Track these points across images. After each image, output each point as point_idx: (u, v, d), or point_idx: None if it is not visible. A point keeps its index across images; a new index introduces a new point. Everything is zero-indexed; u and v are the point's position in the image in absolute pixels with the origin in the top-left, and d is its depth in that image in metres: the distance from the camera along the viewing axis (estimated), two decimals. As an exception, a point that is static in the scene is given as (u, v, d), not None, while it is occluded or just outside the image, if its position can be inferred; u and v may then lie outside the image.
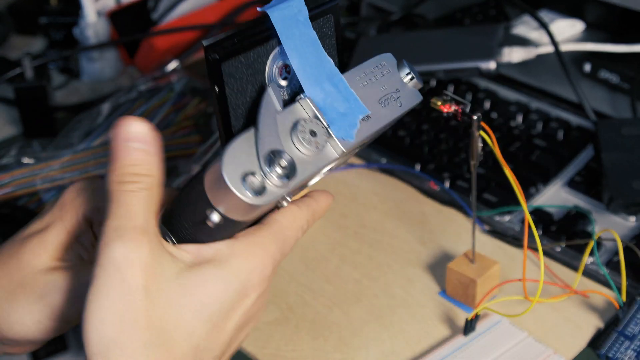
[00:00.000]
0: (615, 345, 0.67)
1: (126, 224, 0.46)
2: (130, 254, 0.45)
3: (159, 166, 0.49)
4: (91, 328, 0.45)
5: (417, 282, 0.75)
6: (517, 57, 0.96)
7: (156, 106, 0.98)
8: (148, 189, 0.48)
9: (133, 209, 0.47)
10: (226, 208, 0.48)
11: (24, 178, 0.88)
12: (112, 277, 0.45)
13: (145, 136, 0.48)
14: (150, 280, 0.45)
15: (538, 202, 0.82)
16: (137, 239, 0.46)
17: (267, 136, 0.48)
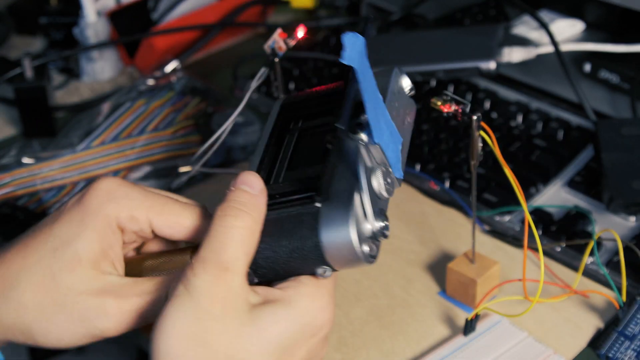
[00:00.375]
0: (615, 345, 0.67)
1: (214, 258, 0.50)
2: (211, 287, 0.49)
3: (261, 212, 0.53)
4: (162, 341, 0.49)
5: (417, 282, 0.75)
6: (517, 57, 0.96)
7: (156, 106, 0.98)
8: (245, 228, 0.52)
9: (225, 245, 0.51)
10: (340, 266, 0.52)
11: (23, 178, 0.88)
12: (190, 302, 0.49)
13: (254, 183, 0.54)
14: (224, 312, 0.49)
15: (538, 202, 0.82)
16: (219, 275, 0.50)
17: (372, 197, 0.52)
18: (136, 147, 0.91)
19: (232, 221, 0.52)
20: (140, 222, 0.57)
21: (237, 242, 0.51)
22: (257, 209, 0.53)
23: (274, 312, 0.50)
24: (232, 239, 0.51)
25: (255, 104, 1.02)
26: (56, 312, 0.54)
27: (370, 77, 0.52)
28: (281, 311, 0.51)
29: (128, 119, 0.96)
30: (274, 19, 1.22)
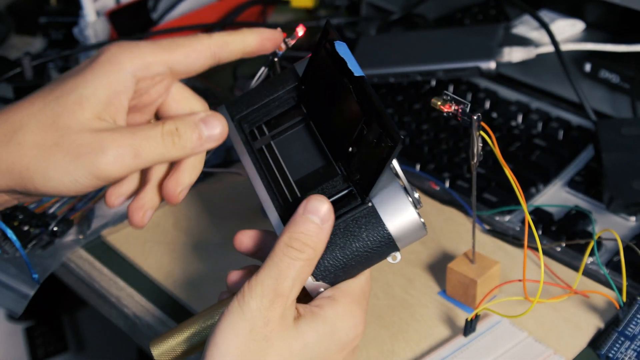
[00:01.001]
0: (615, 345, 0.67)
1: (273, 285, 0.54)
2: (266, 312, 0.53)
3: (324, 242, 0.55)
4: (215, 354, 0.53)
5: (417, 282, 0.75)
6: (517, 57, 0.96)
7: (156, 106, 0.97)
8: (307, 260, 0.54)
9: (285, 275, 0.54)
10: (407, 245, 0.56)
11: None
12: (243, 321, 0.53)
13: (324, 214, 0.55)
14: (275, 334, 0.53)
15: (538, 202, 0.82)
16: (275, 301, 0.54)
17: (406, 187, 0.57)
18: (136, 147, 0.91)
19: (296, 254, 0.54)
20: (156, 65, 0.59)
21: (296, 274, 0.54)
22: (321, 241, 0.55)
23: (316, 330, 0.55)
24: (293, 270, 0.54)
25: (255, 104, 1.02)
26: (54, 151, 0.55)
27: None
28: (322, 329, 0.55)
29: (128, 118, 0.95)
30: (274, 18, 1.22)
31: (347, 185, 0.57)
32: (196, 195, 0.88)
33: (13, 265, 0.80)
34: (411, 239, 0.56)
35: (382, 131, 0.53)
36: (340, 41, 0.57)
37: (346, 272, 0.56)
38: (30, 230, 0.83)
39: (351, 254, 0.56)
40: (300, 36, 0.66)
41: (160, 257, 0.80)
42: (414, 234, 0.56)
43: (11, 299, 0.79)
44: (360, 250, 0.56)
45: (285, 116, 0.62)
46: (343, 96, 0.57)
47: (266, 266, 0.55)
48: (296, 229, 0.55)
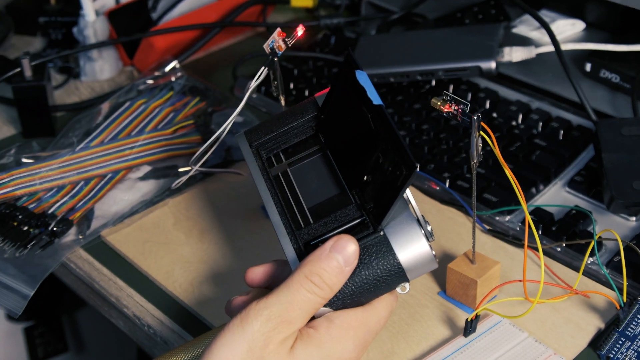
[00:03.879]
0: (615, 346, 0.67)
1: (280, 311, 0.54)
2: (266, 333, 0.53)
3: (342, 284, 0.55)
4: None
5: (417, 282, 0.75)
6: (517, 56, 0.96)
7: (155, 106, 0.97)
8: (323, 298, 0.55)
9: (296, 305, 0.54)
10: (416, 276, 0.57)
11: (23, 178, 0.88)
12: (243, 340, 0.53)
13: (349, 257, 0.55)
14: (269, 355, 0.53)
15: (538, 202, 0.82)
16: (278, 327, 0.54)
17: (419, 218, 0.57)
18: (135, 147, 0.91)
19: (313, 288, 0.55)
20: None
21: (308, 306, 0.55)
22: (340, 282, 0.55)
23: (309, 354, 0.54)
24: (306, 303, 0.55)
25: (255, 104, 1.02)
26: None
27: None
28: (315, 353, 0.55)
29: (127, 118, 0.95)
30: (274, 18, 1.22)
31: (361, 213, 0.57)
32: (196, 195, 0.87)
33: (12, 265, 0.80)
34: (421, 271, 0.56)
35: (397, 159, 0.53)
36: (361, 70, 0.58)
37: (354, 300, 0.57)
38: (29, 230, 0.83)
39: (360, 282, 0.56)
40: (300, 36, 0.66)
41: (160, 257, 0.80)
42: (425, 266, 0.56)
43: (11, 299, 0.79)
44: (370, 279, 0.56)
45: (303, 144, 0.63)
46: (361, 125, 0.58)
47: (278, 292, 0.55)
48: (320, 265, 0.55)
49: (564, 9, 1.07)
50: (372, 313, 0.57)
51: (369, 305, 0.58)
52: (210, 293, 0.76)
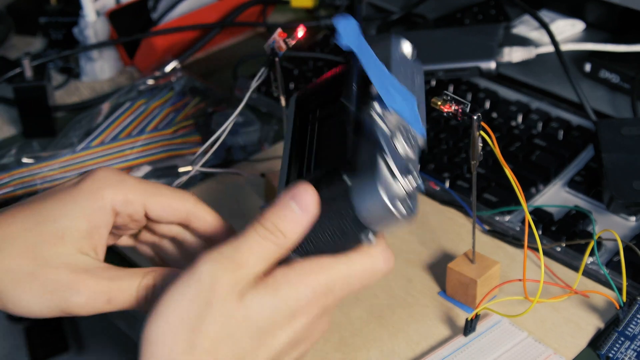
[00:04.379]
0: (615, 346, 0.67)
1: (231, 254, 0.52)
2: (214, 276, 0.51)
3: (300, 233, 0.54)
4: (155, 319, 0.51)
5: (417, 282, 0.75)
6: (517, 57, 0.96)
7: (156, 106, 0.98)
8: (276, 244, 0.53)
9: (247, 250, 0.52)
10: (382, 229, 0.54)
11: (23, 178, 0.88)
12: (190, 283, 0.51)
13: (305, 204, 0.53)
14: (216, 298, 0.51)
15: (538, 202, 0.82)
16: (228, 269, 0.51)
17: (396, 157, 0.53)
18: (136, 147, 0.91)
19: (265, 233, 0.53)
20: (134, 204, 0.60)
21: (262, 252, 0.53)
22: (295, 230, 0.53)
23: (260, 299, 0.52)
24: (258, 247, 0.53)
25: (255, 104, 1.02)
26: (29, 281, 0.56)
27: (369, 51, 0.54)
28: (267, 298, 0.52)
29: (128, 119, 0.96)
30: (274, 18, 1.22)
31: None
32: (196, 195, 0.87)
33: (13, 265, 0.80)
34: (386, 225, 0.53)
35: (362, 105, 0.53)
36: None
37: (319, 251, 0.55)
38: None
39: (320, 231, 0.54)
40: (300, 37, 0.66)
41: (160, 257, 0.80)
42: (388, 221, 0.53)
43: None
44: (330, 228, 0.54)
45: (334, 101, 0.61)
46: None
47: (231, 239, 0.53)
48: (274, 211, 0.54)
49: (564, 9, 1.07)
50: (341, 261, 0.54)
51: (341, 254, 0.55)
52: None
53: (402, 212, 0.52)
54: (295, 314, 0.53)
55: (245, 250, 0.52)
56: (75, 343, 1.43)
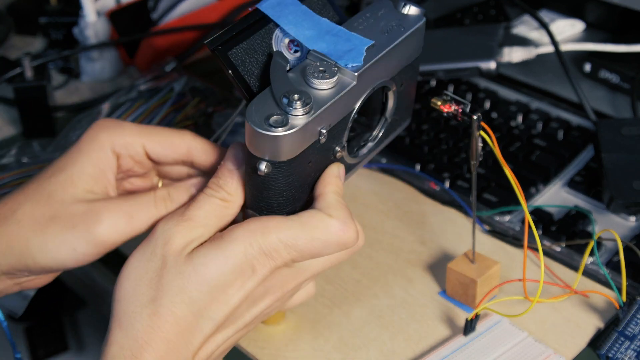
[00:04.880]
0: (615, 345, 0.67)
1: (182, 211, 0.56)
2: (167, 231, 0.55)
3: (241, 191, 0.58)
4: (121, 279, 0.56)
5: (417, 282, 0.75)
6: (517, 57, 0.96)
7: (156, 106, 0.98)
8: (222, 200, 0.57)
9: (196, 206, 0.56)
10: (271, 153, 0.54)
11: (23, 178, 0.88)
12: (147, 244, 0.56)
13: (233, 159, 0.57)
14: (168, 253, 0.55)
15: (538, 202, 0.82)
16: (180, 224, 0.55)
17: (280, 84, 0.54)
18: (136, 147, 0.91)
19: (211, 192, 0.57)
20: (134, 145, 0.62)
21: (210, 208, 0.56)
22: (235, 186, 0.57)
23: (206, 254, 0.54)
24: (207, 205, 0.57)
25: (255, 104, 1.01)
26: (50, 223, 0.58)
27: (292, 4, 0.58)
28: (215, 253, 0.54)
29: (128, 119, 0.95)
30: (274, 18, 1.22)
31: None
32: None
33: (13, 265, 0.80)
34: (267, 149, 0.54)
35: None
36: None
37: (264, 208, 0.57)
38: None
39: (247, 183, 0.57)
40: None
41: (161, 257, 0.80)
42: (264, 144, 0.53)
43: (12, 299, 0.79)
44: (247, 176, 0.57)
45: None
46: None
47: (188, 204, 0.58)
48: (216, 173, 0.58)
49: (564, 10, 1.07)
50: (289, 223, 0.56)
51: (295, 214, 0.56)
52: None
53: (272, 132, 0.53)
54: (244, 270, 0.55)
55: (195, 208, 0.56)
56: (75, 343, 1.43)
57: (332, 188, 0.58)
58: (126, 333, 0.54)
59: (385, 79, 0.60)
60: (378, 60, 0.58)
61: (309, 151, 0.55)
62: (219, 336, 0.56)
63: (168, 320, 0.53)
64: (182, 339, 0.53)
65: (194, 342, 0.54)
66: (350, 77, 0.56)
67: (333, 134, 0.57)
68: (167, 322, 0.53)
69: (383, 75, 0.60)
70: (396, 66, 0.61)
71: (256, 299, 0.57)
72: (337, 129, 0.58)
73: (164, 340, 0.53)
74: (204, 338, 0.55)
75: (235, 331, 0.57)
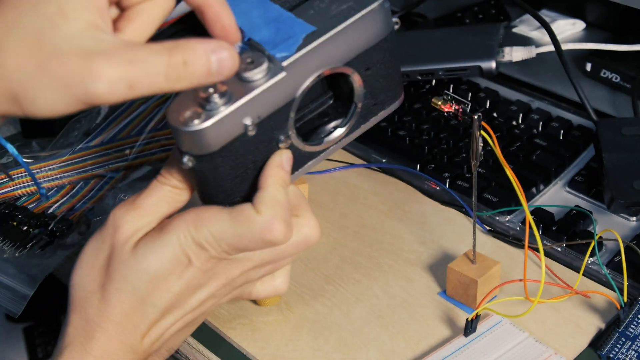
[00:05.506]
0: (616, 346, 0.67)
1: (135, 201, 0.57)
2: (118, 218, 0.56)
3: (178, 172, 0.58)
4: (76, 265, 0.58)
5: (417, 282, 0.75)
6: (517, 56, 0.96)
7: (155, 106, 0.97)
8: (173, 187, 0.57)
9: (146, 194, 0.57)
10: (191, 147, 0.54)
11: (23, 178, 0.88)
12: (100, 233, 0.57)
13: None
14: (116, 241, 0.56)
15: (539, 202, 0.82)
16: (129, 211, 0.56)
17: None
18: (135, 147, 0.91)
19: (160, 178, 0.58)
20: None
21: (159, 194, 0.57)
22: (177, 171, 0.58)
23: (146, 244, 0.56)
24: (156, 192, 0.57)
25: (255, 104, 1.01)
26: (40, 75, 0.49)
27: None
28: (151, 244, 0.56)
29: (127, 118, 0.95)
30: (274, 18, 1.22)
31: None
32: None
33: (12, 265, 0.80)
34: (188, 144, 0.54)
35: None
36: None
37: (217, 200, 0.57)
38: (29, 230, 0.83)
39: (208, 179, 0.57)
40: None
41: (160, 257, 0.80)
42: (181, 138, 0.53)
43: (10, 299, 0.79)
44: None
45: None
46: None
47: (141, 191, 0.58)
48: (167, 161, 0.58)
49: (564, 9, 1.07)
50: (225, 213, 0.55)
51: (231, 207, 0.56)
52: (210, 293, 0.76)
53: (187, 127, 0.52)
54: (181, 260, 0.56)
55: (145, 196, 0.57)
56: (75, 343, 1.42)
57: (272, 180, 0.57)
58: (80, 316, 0.56)
59: (336, 65, 0.57)
60: (316, 47, 0.55)
61: (237, 144, 0.55)
62: (165, 321, 0.58)
63: (115, 305, 0.56)
64: (129, 323, 0.56)
65: (141, 325, 0.56)
66: (279, 68, 0.54)
67: (271, 125, 0.56)
68: (115, 307, 0.56)
69: (330, 62, 0.57)
70: (349, 51, 0.58)
71: (199, 286, 0.58)
72: (275, 120, 0.56)
73: (112, 323, 0.56)
74: (150, 323, 0.57)
75: (183, 314, 0.58)
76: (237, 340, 0.70)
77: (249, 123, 0.54)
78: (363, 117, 0.62)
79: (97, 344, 0.56)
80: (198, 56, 0.49)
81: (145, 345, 0.57)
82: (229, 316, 0.72)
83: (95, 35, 0.50)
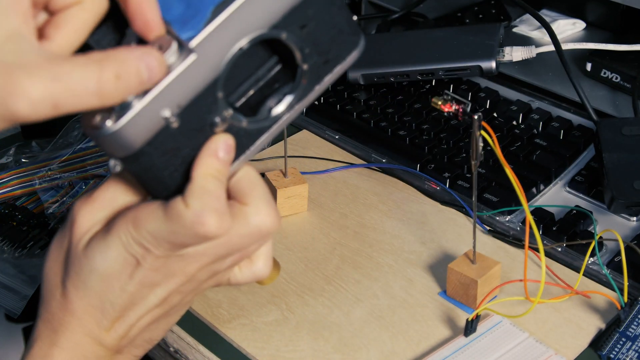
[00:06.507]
0: (616, 346, 0.67)
1: (93, 194, 0.55)
2: (75, 216, 0.55)
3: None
4: (45, 260, 0.57)
5: (417, 282, 0.75)
6: (518, 56, 0.96)
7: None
8: (124, 181, 0.55)
9: (107, 189, 0.55)
10: (112, 150, 0.50)
11: (22, 178, 0.88)
12: (64, 226, 0.56)
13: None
14: (74, 240, 0.55)
15: (539, 202, 0.82)
16: (84, 209, 0.55)
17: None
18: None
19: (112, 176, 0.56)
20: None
21: (112, 190, 0.55)
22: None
23: (94, 242, 0.54)
24: (110, 186, 0.55)
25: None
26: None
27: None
28: (97, 243, 0.54)
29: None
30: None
31: None
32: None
33: (12, 265, 0.80)
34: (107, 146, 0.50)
35: None
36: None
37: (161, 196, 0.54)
38: (28, 230, 0.83)
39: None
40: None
41: (160, 257, 0.80)
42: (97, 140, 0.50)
43: (10, 299, 0.79)
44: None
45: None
46: None
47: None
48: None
49: (565, 9, 1.07)
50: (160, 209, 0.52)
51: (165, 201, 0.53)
52: (208, 292, 0.76)
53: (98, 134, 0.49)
54: (128, 260, 0.53)
55: (102, 189, 0.55)
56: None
57: (200, 170, 0.52)
58: (46, 309, 0.56)
59: (258, 31, 0.51)
60: (227, 19, 0.49)
61: (161, 138, 0.50)
62: (128, 317, 0.56)
63: (74, 301, 0.55)
64: (90, 318, 0.55)
65: (103, 321, 0.56)
66: (188, 50, 0.49)
67: (197, 111, 0.51)
68: (73, 302, 0.55)
69: (250, 29, 0.50)
70: (271, 13, 0.51)
71: (155, 284, 0.55)
72: (201, 105, 0.51)
73: (74, 317, 0.55)
74: (112, 319, 0.56)
75: (146, 311, 0.56)
76: (237, 340, 0.70)
77: (168, 115, 0.49)
78: (315, 78, 0.55)
79: (63, 336, 0.56)
80: (130, 67, 0.47)
81: (112, 339, 0.56)
82: (229, 316, 0.72)
83: (17, 47, 0.46)
